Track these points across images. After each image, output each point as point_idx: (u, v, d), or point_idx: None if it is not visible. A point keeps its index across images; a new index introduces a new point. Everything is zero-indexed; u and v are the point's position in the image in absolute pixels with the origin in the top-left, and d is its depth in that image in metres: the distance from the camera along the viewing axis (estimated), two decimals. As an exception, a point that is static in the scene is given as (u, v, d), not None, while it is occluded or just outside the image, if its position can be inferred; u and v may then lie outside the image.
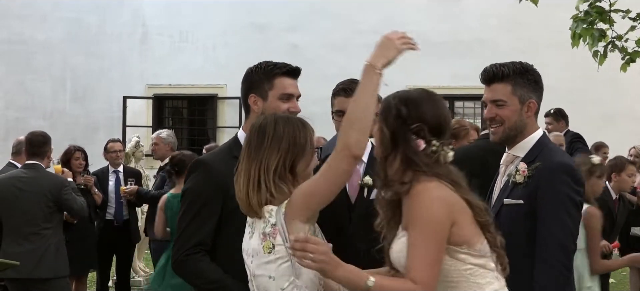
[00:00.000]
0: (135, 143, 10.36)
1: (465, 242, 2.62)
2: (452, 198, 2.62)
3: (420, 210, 2.59)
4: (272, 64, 3.42)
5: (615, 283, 10.84)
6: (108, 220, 8.50)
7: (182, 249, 3.20)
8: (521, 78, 3.37)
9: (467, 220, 2.63)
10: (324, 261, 2.55)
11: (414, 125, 2.66)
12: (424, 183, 2.64)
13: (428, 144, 2.66)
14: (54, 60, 16.71)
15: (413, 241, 2.58)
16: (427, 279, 2.52)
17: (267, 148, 2.83)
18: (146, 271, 10.52)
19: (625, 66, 7.71)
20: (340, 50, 15.33)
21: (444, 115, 2.74)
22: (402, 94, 2.77)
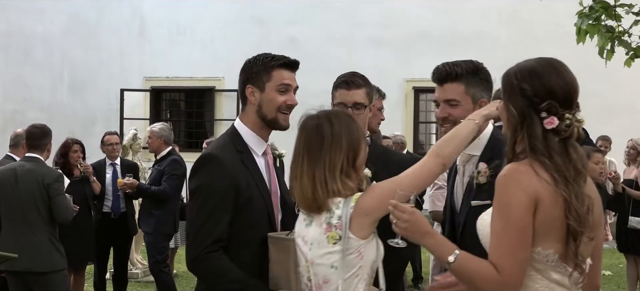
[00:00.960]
0: (133, 136, 10.33)
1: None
2: (539, 188, 2.46)
3: (501, 193, 2.49)
4: (270, 56, 3.38)
5: (612, 275, 10.86)
6: (105, 212, 8.48)
7: (201, 247, 3.10)
8: (473, 78, 3.31)
9: (545, 218, 2.46)
10: (406, 228, 2.62)
11: (543, 103, 2.51)
12: (515, 164, 2.52)
13: (561, 119, 2.51)
14: (52, 53, 16.70)
15: (495, 227, 2.48)
16: (510, 269, 2.43)
17: (329, 148, 2.89)
18: (143, 263, 10.51)
19: (630, 61, 7.69)
20: (340, 44, 15.33)
21: (572, 83, 2.58)
22: (524, 68, 2.59)
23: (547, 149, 2.50)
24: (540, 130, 2.51)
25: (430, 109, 15.74)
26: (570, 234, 2.46)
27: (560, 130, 2.51)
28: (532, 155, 2.51)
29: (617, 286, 10.04)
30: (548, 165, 2.48)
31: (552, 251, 2.48)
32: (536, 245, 2.47)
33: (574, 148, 2.54)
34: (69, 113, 15.98)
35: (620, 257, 10.64)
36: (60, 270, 6.50)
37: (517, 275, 2.44)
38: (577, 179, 2.50)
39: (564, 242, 2.48)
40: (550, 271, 2.50)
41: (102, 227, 8.37)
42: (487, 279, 2.45)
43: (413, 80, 15.19)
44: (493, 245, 2.47)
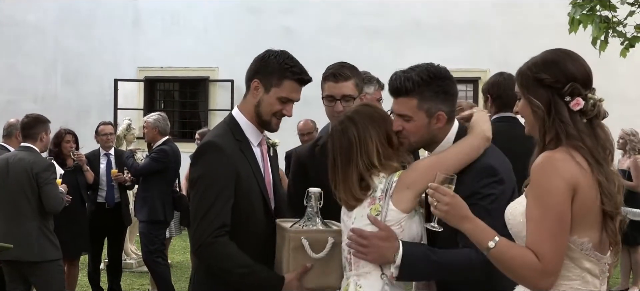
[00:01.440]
0: (127, 126, 10.33)
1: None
2: (578, 174, 2.47)
3: (538, 180, 2.49)
4: (289, 63, 3.33)
5: (607, 266, 10.90)
6: (100, 203, 8.49)
7: (207, 231, 3.12)
8: (427, 90, 3.05)
9: (583, 206, 2.47)
10: (446, 212, 2.65)
11: (565, 87, 2.52)
12: (550, 152, 2.52)
13: (586, 100, 2.53)
14: (45, 43, 16.63)
15: (532, 214, 2.49)
16: (550, 255, 2.43)
17: (360, 147, 3.03)
18: (137, 254, 10.52)
19: (625, 51, 7.71)
20: (334, 33, 15.29)
21: (587, 66, 2.61)
22: (537, 60, 2.59)
23: (578, 132, 2.51)
24: (568, 114, 2.52)
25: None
26: (607, 214, 2.49)
27: (587, 110, 2.53)
28: (566, 142, 2.51)
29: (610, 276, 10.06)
30: (583, 150, 2.49)
31: (587, 239, 2.50)
32: (572, 233, 2.48)
33: (601, 127, 2.57)
34: (62, 104, 15.93)
35: (613, 247, 10.68)
36: (53, 260, 6.49)
37: (557, 262, 2.45)
38: (606, 159, 2.53)
39: (598, 229, 2.51)
40: (584, 260, 2.52)
41: (97, 217, 8.38)
42: (527, 265, 2.45)
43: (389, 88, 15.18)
44: (532, 232, 2.47)
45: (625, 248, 9.13)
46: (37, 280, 6.41)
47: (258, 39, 12.57)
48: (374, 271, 2.97)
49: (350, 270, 3.03)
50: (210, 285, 3.27)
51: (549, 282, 2.47)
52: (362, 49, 14.14)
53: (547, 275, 2.45)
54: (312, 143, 4.06)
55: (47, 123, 6.71)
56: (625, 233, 8.42)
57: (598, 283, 2.56)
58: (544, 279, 2.46)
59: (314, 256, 3.12)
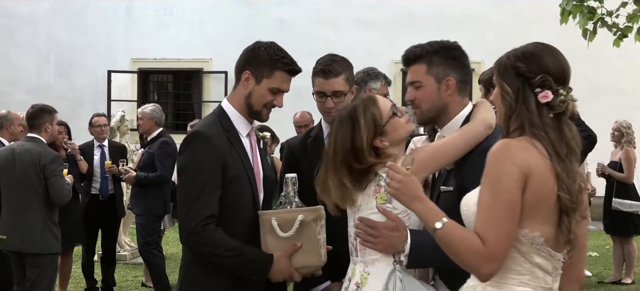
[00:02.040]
0: (120, 118, 10.31)
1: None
2: (532, 162, 2.45)
3: (491, 166, 2.47)
4: (280, 54, 3.35)
5: (598, 256, 10.94)
6: (94, 194, 8.47)
7: (195, 220, 3.13)
8: (437, 57, 3.17)
9: (535, 195, 2.44)
10: (397, 189, 2.65)
11: (537, 77, 2.51)
12: (507, 139, 2.52)
13: (556, 94, 2.51)
14: (38, 34, 16.58)
15: (483, 200, 2.47)
16: (494, 240, 2.40)
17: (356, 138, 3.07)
18: (131, 245, 10.51)
19: (618, 41, 7.72)
20: (328, 25, 15.29)
21: (565, 63, 2.59)
22: (517, 51, 2.59)
23: (542, 124, 2.50)
24: (535, 105, 2.51)
25: (418, 91, 15.75)
26: (563, 209, 2.46)
27: (555, 105, 2.51)
28: (529, 130, 2.51)
29: (603, 267, 10.11)
30: (544, 139, 2.48)
31: (539, 233, 2.46)
32: (523, 226, 2.45)
33: (568, 125, 2.54)
34: (55, 95, 15.86)
35: (606, 238, 10.73)
36: (54, 254, 6.49)
37: (502, 247, 2.42)
38: (570, 156, 2.51)
39: (551, 224, 2.47)
40: (534, 254, 2.48)
41: (91, 209, 8.36)
42: (471, 249, 2.43)
43: (401, 61, 15.17)
44: (480, 217, 2.46)
45: (617, 240, 9.17)
46: (33, 271, 6.40)
47: (252, 30, 12.56)
48: (381, 258, 3.01)
49: (356, 256, 3.08)
50: (200, 275, 3.27)
51: (491, 268, 2.43)
52: (356, 41, 14.14)
53: (490, 261, 2.41)
54: (304, 135, 4.04)
55: (53, 113, 6.66)
56: (617, 224, 8.47)
57: (550, 280, 2.53)
58: (487, 264, 2.42)
59: (282, 235, 3.17)
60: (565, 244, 2.49)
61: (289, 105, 3.28)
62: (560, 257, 2.52)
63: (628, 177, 8.99)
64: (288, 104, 3.43)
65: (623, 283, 8.98)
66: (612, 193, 9.10)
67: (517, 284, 2.50)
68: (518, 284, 2.50)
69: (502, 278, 2.50)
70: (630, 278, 9.03)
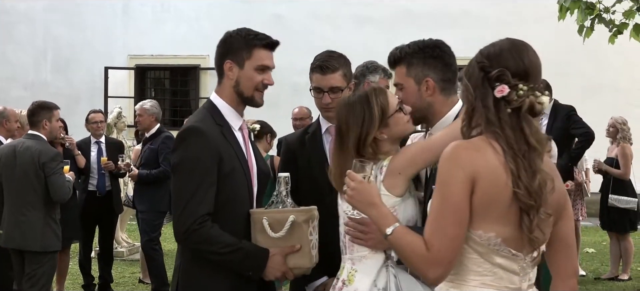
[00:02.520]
0: (117, 114, 10.30)
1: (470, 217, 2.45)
2: (480, 165, 2.42)
3: (440, 169, 2.47)
4: (252, 33, 3.36)
5: (595, 252, 10.96)
6: (91, 191, 8.47)
7: (192, 218, 3.09)
8: (415, 58, 3.20)
9: (484, 197, 2.41)
10: (351, 196, 2.71)
11: (494, 71, 2.48)
12: (459, 141, 2.50)
13: (513, 88, 2.45)
14: (35, 31, 16.56)
15: (433, 204, 2.47)
16: (438, 246, 2.40)
17: (350, 132, 3.12)
18: (128, 242, 10.52)
19: (613, 38, 7.72)
20: (326, 21, 15.28)
21: (529, 60, 2.52)
22: (484, 48, 2.58)
23: (499, 120, 2.46)
24: (492, 101, 2.47)
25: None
26: (522, 208, 2.42)
27: (512, 100, 2.45)
28: (485, 128, 2.49)
29: (600, 264, 10.13)
30: (499, 136, 2.45)
31: (494, 234, 2.43)
32: (477, 227, 2.43)
33: (527, 121, 2.48)
34: (52, 92, 15.83)
35: (603, 235, 10.74)
36: (52, 252, 6.49)
37: (445, 252, 2.40)
38: (529, 154, 2.45)
39: (509, 224, 2.43)
40: (493, 255, 2.46)
41: (88, 205, 8.36)
42: (416, 254, 2.44)
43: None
44: (428, 221, 2.47)
45: (614, 236, 9.18)
46: (31, 267, 6.40)
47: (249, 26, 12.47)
48: (369, 255, 3.06)
49: (345, 253, 3.14)
50: (195, 272, 3.25)
51: (436, 272, 2.43)
52: (354, 38, 14.13)
53: (434, 265, 2.41)
54: (302, 131, 4.05)
55: (52, 109, 6.62)
56: (614, 220, 8.47)
57: (517, 280, 2.50)
58: (431, 269, 2.42)
59: (272, 235, 3.15)
60: (528, 243, 2.45)
61: (286, 101, 3.29)
62: (525, 257, 2.49)
63: (624, 173, 9.01)
64: (286, 101, 3.43)
65: (620, 279, 9.00)
66: (608, 189, 9.11)
67: (478, 285, 2.48)
68: (479, 285, 2.48)
69: (462, 280, 2.49)
70: (627, 275, 9.05)
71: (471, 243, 2.45)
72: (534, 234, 2.42)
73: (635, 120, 10.47)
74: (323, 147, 3.84)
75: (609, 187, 9.11)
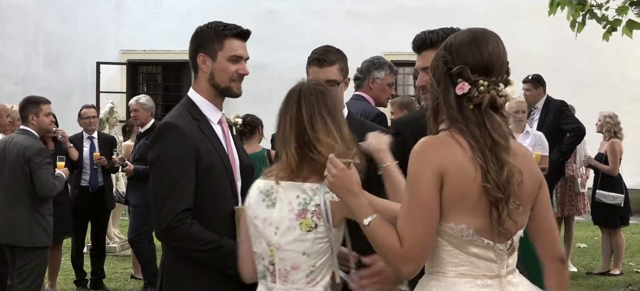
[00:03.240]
0: (110, 109, 10.28)
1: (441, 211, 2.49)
2: (447, 161, 2.45)
3: (409, 166, 2.49)
4: (222, 25, 3.36)
5: (587, 247, 10.99)
6: (83, 186, 8.45)
7: (171, 215, 3.07)
8: None
9: (454, 192, 2.45)
10: (332, 182, 2.64)
11: (454, 67, 2.50)
12: (427, 138, 2.52)
13: (474, 85, 2.47)
14: (27, 25, 16.49)
15: (403, 201, 2.51)
16: (410, 241, 2.44)
17: (317, 119, 2.87)
18: (121, 237, 10.50)
19: (607, 35, 7.73)
20: (318, 16, 15.26)
21: (489, 54, 2.51)
22: (448, 39, 2.58)
23: (463, 116, 2.49)
24: (454, 97, 2.50)
25: (408, 83, 15.75)
26: (491, 201, 2.46)
27: (472, 96, 2.48)
28: (449, 124, 2.52)
29: (592, 258, 10.16)
30: (464, 132, 2.48)
31: (465, 226, 2.48)
32: (448, 220, 2.48)
33: (489, 116, 2.50)
34: (44, 87, 15.77)
35: (595, 230, 10.78)
36: (42, 248, 6.46)
37: (417, 247, 2.45)
38: (495, 148, 2.47)
39: (481, 215, 2.48)
40: (467, 245, 2.50)
41: (80, 201, 8.34)
42: (389, 248, 2.47)
43: (391, 53, 15.16)
44: (399, 217, 2.50)
45: (606, 231, 9.21)
46: (21, 263, 6.39)
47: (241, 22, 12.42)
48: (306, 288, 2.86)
49: (273, 281, 2.88)
50: (180, 269, 3.22)
51: (409, 268, 2.47)
52: (347, 33, 14.12)
53: (407, 261, 2.46)
54: None
55: (39, 104, 6.57)
56: (604, 216, 8.51)
57: (495, 267, 2.55)
58: (404, 264, 2.46)
59: None
60: (498, 234, 2.50)
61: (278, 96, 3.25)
62: (501, 246, 2.53)
63: (612, 170, 9.02)
64: (278, 96, 3.40)
65: (611, 274, 9.03)
66: (598, 184, 9.14)
67: (455, 275, 2.53)
68: (456, 275, 2.53)
69: (442, 271, 2.54)
70: (618, 269, 9.07)
71: (444, 236, 2.50)
72: (505, 225, 2.47)
73: (627, 115, 10.51)
74: None
75: (598, 182, 9.13)
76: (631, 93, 14.83)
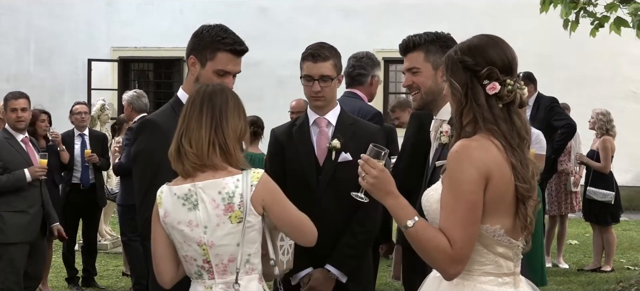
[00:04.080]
0: (101, 106, 10.26)
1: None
2: (491, 163, 2.51)
3: (452, 169, 2.53)
4: (221, 35, 3.34)
5: (578, 244, 11.02)
6: (74, 183, 8.42)
7: (150, 210, 3.03)
8: (433, 46, 3.54)
9: (495, 194, 2.51)
10: (372, 184, 2.64)
11: (483, 69, 2.56)
12: (466, 140, 2.57)
13: (503, 85, 2.56)
14: (18, 22, 16.44)
15: (446, 201, 2.53)
16: (461, 242, 2.48)
17: (233, 113, 2.88)
18: (112, 234, 10.48)
19: (595, 31, 7.74)
20: (311, 13, 15.25)
21: (511, 54, 2.63)
22: (463, 45, 2.66)
23: (493, 116, 2.56)
24: (484, 98, 2.57)
25: (399, 80, 15.76)
26: (519, 199, 2.54)
27: (503, 95, 2.56)
28: (482, 125, 2.56)
29: (583, 255, 10.19)
30: (497, 133, 2.54)
31: (499, 226, 2.54)
32: (485, 222, 2.53)
33: (518, 114, 2.60)
34: (35, 84, 15.73)
35: (586, 227, 10.81)
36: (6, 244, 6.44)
37: (467, 248, 2.50)
38: (521, 145, 2.57)
39: (511, 215, 2.56)
40: (496, 245, 2.57)
41: (71, 198, 8.31)
42: (440, 250, 2.50)
43: (383, 50, 15.17)
44: (444, 218, 2.52)
45: (597, 228, 9.23)
46: None
47: (233, 19, 12.48)
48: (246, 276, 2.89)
49: (211, 278, 2.89)
50: None
51: (457, 269, 2.52)
52: (339, 30, 14.11)
53: (457, 262, 2.51)
54: (291, 123, 4.09)
55: (7, 100, 6.66)
56: (595, 213, 8.52)
57: (512, 265, 2.63)
58: (453, 265, 2.51)
59: None
60: (522, 230, 2.58)
61: (271, 93, 3.27)
62: (519, 244, 2.61)
63: (603, 167, 9.03)
64: (270, 93, 3.41)
65: (603, 270, 9.05)
66: (589, 181, 9.16)
67: (480, 274, 2.58)
68: (481, 274, 2.59)
69: (467, 270, 2.57)
70: (609, 266, 9.10)
71: (478, 237, 2.55)
72: (529, 221, 2.56)
73: (619, 112, 10.53)
74: (311, 139, 3.87)
75: (589, 179, 9.15)
76: (623, 91, 14.88)
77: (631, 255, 10.26)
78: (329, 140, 3.82)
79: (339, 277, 3.79)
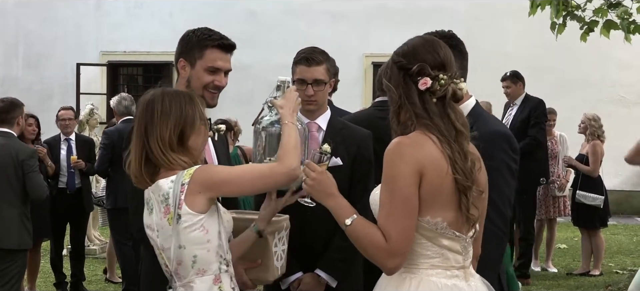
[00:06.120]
0: (89, 111, 10.22)
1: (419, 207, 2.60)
2: (424, 158, 2.56)
3: (386, 166, 2.59)
4: (207, 33, 3.35)
5: (567, 248, 11.05)
6: (61, 188, 8.37)
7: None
8: None
9: (431, 188, 2.57)
10: (312, 186, 2.74)
11: (414, 67, 2.63)
12: (400, 138, 2.63)
13: (435, 79, 2.62)
14: (6, 26, 16.38)
15: (382, 198, 2.61)
16: (396, 237, 2.55)
17: (158, 122, 2.84)
18: (100, 239, 10.43)
19: (585, 36, 7.77)
20: (300, 17, 15.25)
21: (444, 52, 2.69)
22: (399, 49, 2.73)
23: (427, 112, 2.62)
24: (417, 94, 2.63)
25: (389, 84, 15.78)
26: (459, 189, 2.60)
27: (436, 90, 2.62)
28: (417, 122, 2.63)
29: (572, 259, 10.21)
30: (432, 128, 2.61)
31: (440, 219, 2.61)
32: (424, 215, 2.60)
33: (452, 108, 2.66)
34: (24, 88, 15.66)
35: (575, 231, 10.83)
36: (25, 250, 6.43)
37: (403, 242, 2.57)
38: (459, 138, 2.63)
39: (452, 208, 2.62)
40: (440, 238, 2.63)
41: (58, 203, 8.26)
42: (375, 245, 2.58)
43: (372, 55, 15.20)
44: (381, 214, 2.60)
45: (585, 232, 9.26)
46: (4, 265, 6.32)
47: (222, 23, 12.41)
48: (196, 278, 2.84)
49: (174, 282, 2.89)
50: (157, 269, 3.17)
51: (395, 262, 2.59)
52: (328, 33, 14.11)
53: (393, 256, 2.58)
54: None
55: (22, 106, 6.59)
56: (583, 217, 8.53)
57: (461, 259, 2.68)
58: (390, 259, 2.58)
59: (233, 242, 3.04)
60: (466, 223, 2.64)
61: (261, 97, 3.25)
62: (466, 237, 2.67)
63: (592, 171, 9.06)
64: (260, 97, 3.39)
65: (591, 274, 9.08)
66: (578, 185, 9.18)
67: (428, 267, 2.65)
68: (429, 267, 2.65)
69: (413, 264, 2.65)
70: (598, 270, 9.13)
71: (420, 230, 2.62)
72: (471, 212, 2.62)
73: (607, 116, 10.56)
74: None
75: (578, 183, 9.18)
76: (611, 95, 14.94)
77: (619, 259, 10.29)
78: (320, 145, 3.81)
79: (329, 281, 3.79)
